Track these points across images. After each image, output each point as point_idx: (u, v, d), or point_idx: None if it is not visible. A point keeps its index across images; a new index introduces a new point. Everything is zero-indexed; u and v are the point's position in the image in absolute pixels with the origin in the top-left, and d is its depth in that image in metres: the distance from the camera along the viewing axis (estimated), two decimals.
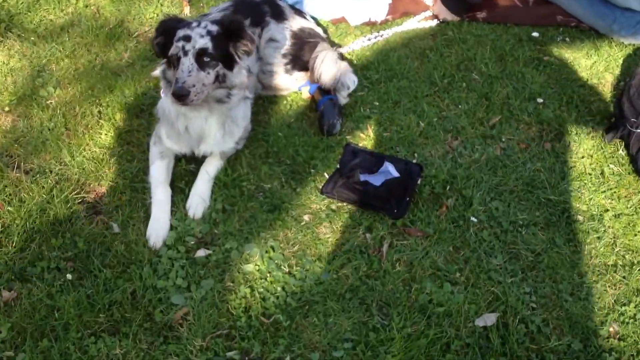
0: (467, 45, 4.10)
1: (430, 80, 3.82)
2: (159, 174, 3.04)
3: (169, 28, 2.80)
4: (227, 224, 2.93)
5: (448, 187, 3.15)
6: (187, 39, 2.78)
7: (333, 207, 3.07)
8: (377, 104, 3.68)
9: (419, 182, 3.19)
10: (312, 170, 3.23)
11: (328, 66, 3.45)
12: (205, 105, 2.89)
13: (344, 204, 3.08)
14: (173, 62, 2.80)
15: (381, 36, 4.18)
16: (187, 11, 4.20)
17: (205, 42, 2.79)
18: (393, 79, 3.82)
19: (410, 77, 3.83)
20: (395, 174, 3.15)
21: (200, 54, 2.78)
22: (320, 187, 3.14)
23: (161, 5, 4.30)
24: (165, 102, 2.96)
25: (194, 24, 2.81)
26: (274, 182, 3.15)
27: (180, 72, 2.73)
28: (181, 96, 2.71)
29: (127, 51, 3.90)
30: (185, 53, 2.77)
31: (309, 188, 3.14)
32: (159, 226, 2.87)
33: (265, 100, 3.64)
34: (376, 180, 3.13)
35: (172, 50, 2.77)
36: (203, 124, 2.98)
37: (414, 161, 3.31)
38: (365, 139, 3.44)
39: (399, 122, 3.53)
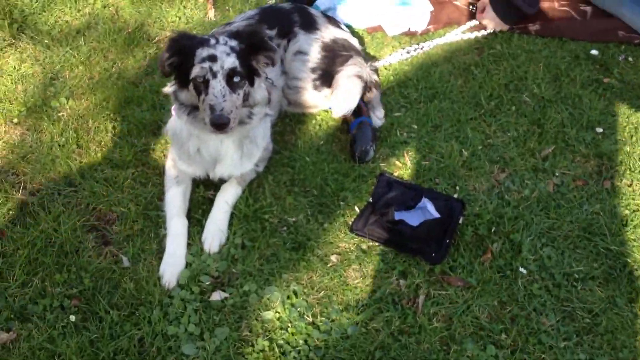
0: (517, 62, 3.81)
1: (475, 102, 3.55)
2: (175, 202, 2.85)
3: (184, 47, 2.59)
4: (246, 261, 2.72)
5: (493, 229, 2.90)
6: (213, 59, 2.58)
7: (364, 247, 2.85)
8: (416, 127, 3.43)
9: (460, 221, 2.93)
10: (342, 203, 3.00)
11: (345, 89, 3.20)
12: None
13: (376, 244, 2.85)
14: (197, 86, 2.60)
15: (421, 49, 3.94)
16: (211, 15, 3.98)
17: (233, 61, 2.59)
18: (434, 98, 3.57)
19: (453, 97, 3.57)
20: (435, 213, 2.91)
21: (231, 75, 2.59)
22: (351, 223, 2.90)
23: (184, 7, 4.09)
24: (177, 123, 2.79)
25: (213, 41, 2.62)
26: (300, 215, 2.93)
27: (214, 97, 2.54)
28: (222, 125, 2.54)
29: (146, 58, 3.70)
30: (215, 75, 2.57)
31: (338, 224, 2.92)
32: (174, 262, 2.70)
33: (291, 118, 3.43)
34: (413, 219, 2.89)
35: (197, 72, 2.57)
36: (218, 146, 2.81)
37: (455, 196, 3.04)
38: (402, 167, 3.20)
39: (440, 150, 3.29)
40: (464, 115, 3.50)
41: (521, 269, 2.76)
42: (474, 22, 4.12)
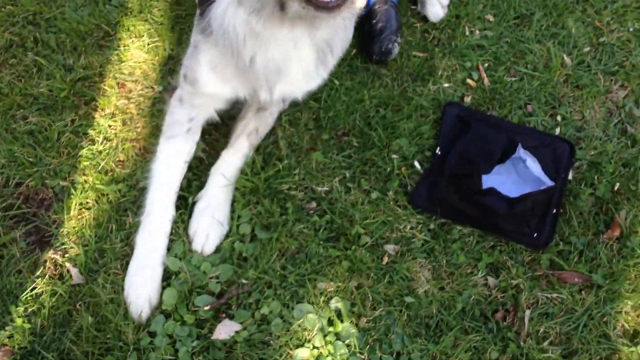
0: None
1: None
2: (171, 169, 2.10)
3: None
4: (260, 264, 1.98)
5: (618, 186, 2.13)
6: None
7: (432, 226, 2.13)
8: (493, 20, 2.57)
9: (570, 176, 2.15)
10: (395, 157, 2.23)
11: None
12: (298, 22, 1.80)
13: (449, 221, 2.15)
14: None
15: None
16: None
17: None
18: None
19: None
20: (540, 174, 2.11)
21: None
22: (410, 191, 2.11)
23: None
24: (227, 14, 1.84)
25: None
26: (334, 181, 2.16)
27: None
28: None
29: None
30: None
31: (392, 193, 2.14)
32: (144, 278, 1.98)
33: None
34: (507, 184, 2.14)
35: None
36: (289, 50, 1.91)
37: (558, 132, 2.26)
38: (476, 89, 2.39)
39: (531, 57, 2.53)
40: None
41: None
42: None
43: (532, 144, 2.23)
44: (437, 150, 2.26)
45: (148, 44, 2.46)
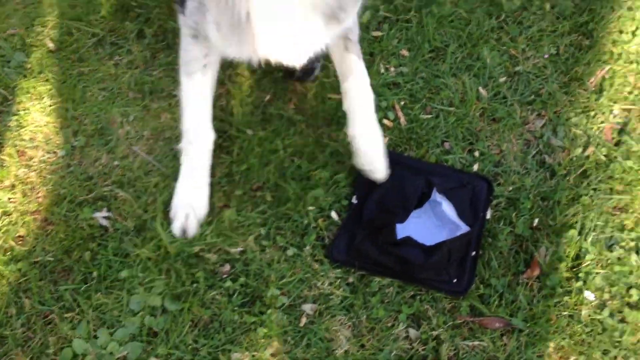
0: None
1: (490, 1, 2.65)
2: (200, 102, 2.12)
3: None
4: (171, 338, 1.96)
5: (536, 221, 2.17)
6: None
7: (350, 279, 2.10)
8: (408, 54, 2.52)
9: (488, 215, 2.15)
10: (311, 210, 2.20)
11: None
12: None
13: (367, 274, 2.14)
14: None
15: None
16: None
17: None
18: (429, 1, 2.60)
19: None
20: (454, 218, 2.10)
21: None
22: (328, 244, 2.09)
23: None
24: None
25: None
26: (249, 240, 2.10)
27: None
28: None
29: None
30: None
31: (309, 248, 2.11)
32: (195, 199, 2.17)
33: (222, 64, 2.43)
34: (423, 231, 2.14)
35: None
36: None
37: (476, 169, 2.29)
38: (392, 128, 2.35)
39: (446, 92, 2.51)
40: (475, 26, 2.60)
41: (586, 293, 2.03)
42: None
43: (450, 185, 2.21)
44: (354, 199, 2.23)
45: (49, 106, 2.40)
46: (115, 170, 2.28)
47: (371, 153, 2.21)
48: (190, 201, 2.16)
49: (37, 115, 2.36)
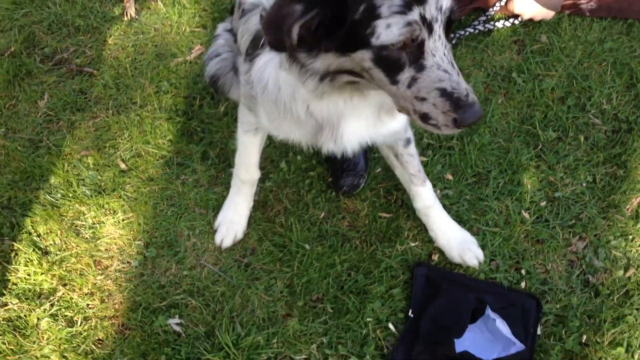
0: (572, 60, 3.23)
1: (526, 131, 3.00)
2: (250, 154, 2.60)
3: None
4: None
5: (585, 338, 2.35)
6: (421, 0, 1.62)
7: None
8: (452, 178, 2.82)
9: (539, 331, 2.35)
10: (369, 320, 2.42)
11: None
12: (348, 87, 1.88)
13: None
14: (393, 60, 1.66)
15: None
16: (132, 13, 3.24)
17: None
18: (470, 131, 2.92)
19: (495, 125, 3.00)
20: (507, 332, 2.31)
21: (448, 23, 1.69)
22: (387, 355, 2.30)
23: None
24: (273, 74, 2.00)
25: None
26: (312, 349, 2.44)
27: (445, 73, 1.65)
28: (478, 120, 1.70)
29: None
30: (431, 29, 1.63)
31: (369, 357, 2.37)
32: (235, 219, 2.69)
33: (270, 172, 2.73)
34: (480, 345, 2.31)
35: (398, 33, 1.61)
36: (341, 105, 2.01)
37: (523, 286, 2.50)
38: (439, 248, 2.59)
39: (491, 214, 2.79)
40: (514, 154, 2.90)
41: None
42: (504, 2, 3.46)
43: (500, 305, 2.44)
44: (410, 313, 2.45)
45: (122, 220, 2.68)
46: (185, 280, 2.53)
47: (455, 246, 2.60)
48: (232, 220, 2.66)
49: (112, 228, 2.64)
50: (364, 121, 2.07)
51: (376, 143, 2.30)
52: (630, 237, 2.69)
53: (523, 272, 2.62)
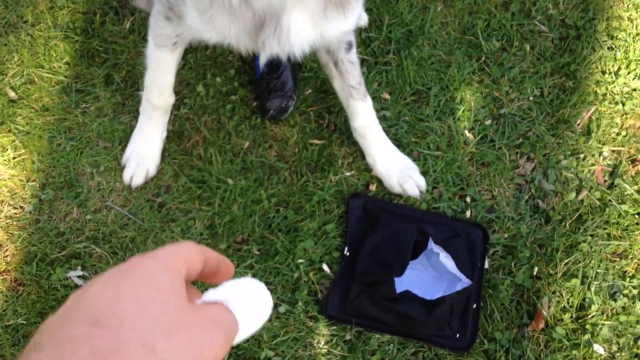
0: None
1: (468, 41, 2.74)
2: (164, 74, 2.20)
3: None
4: None
5: (536, 270, 2.17)
6: None
7: (347, 337, 2.06)
8: (389, 97, 2.53)
9: (486, 264, 2.16)
10: (301, 262, 2.18)
11: None
12: None
13: (365, 331, 2.14)
14: None
15: None
16: None
17: None
18: (408, 43, 2.63)
19: (434, 36, 2.72)
20: (453, 267, 2.10)
21: None
22: (321, 301, 2.06)
23: None
24: None
25: None
26: None
27: None
28: None
29: None
30: None
31: (302, 304, 2.08)
32: (147, 150, 2.34)
33: (191, 106, 2.41)
34: (422, 283, 2.10)
35: None
36: None
37: (468, 215, 2.28)
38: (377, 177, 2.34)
39: (432, 136, 2.53)
40: (456, 68, 2.64)
41: (596, 347, 2.04)
42: None
43: (445, 234, 2.22)
44: (345, 251, 2.21)
45: (13, 158, 2.32)
46: (89, 225, 2.21)
47: (395, 174, 2.36)
48: (143, 153, 2.32)
49: (1, 167, 2.28)
50: (309, 16, 1.76)
51: (322, 45, 1.98)
52: (582, 155, 2.48)
53: (468, 199, 2.40)
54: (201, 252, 0.65)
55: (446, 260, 2.17)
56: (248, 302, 0.64)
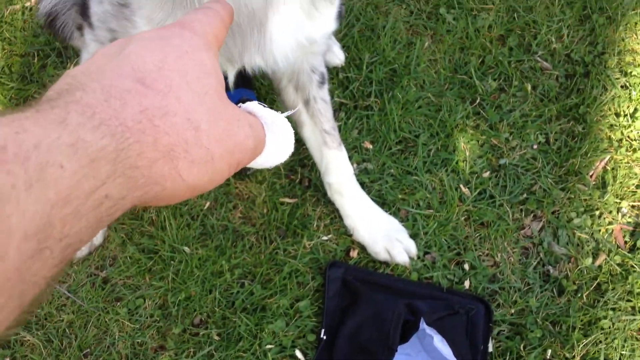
0: None
1: (461, 81, 2.42)
2: None
3: None
4: None
5: (549, 352, 1.85)
6: None
7: None
8: (371, 147, 2.22)
9: (490, 347, 1.84)
10: (269, 347, 1.85)
11: None
12: None
13: None
14: None
15: None
16: None
17: None
18: (392, 84, 2.33)
19: (421, 75, 2.43)
20: (449, 354, 1.80)
21: None
22: None
23: None
24: None
25: None
26: None
27: None
28: None
29: None
30: None
31: None
32: None
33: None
34: None
35: None
36: None
37: (467, 286, 1.99)
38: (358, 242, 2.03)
39: (421, 190, 2.24)
40: (447, 112, 2.34)
41: None
42: None
43: (440, 313, 1.90)
44: (322, 334, 1.88)
45: None
46: None
47: (380, 239, 2.04)
48: None
49: None
50: (298, 9, 1.52)
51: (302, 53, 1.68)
52: (597, 212, 2.16)
53: (466, 267, 2.09)
54: (223, 21, 0.63)
55: (441, 345, 1.85)
56: (276, 134, 0.67)
